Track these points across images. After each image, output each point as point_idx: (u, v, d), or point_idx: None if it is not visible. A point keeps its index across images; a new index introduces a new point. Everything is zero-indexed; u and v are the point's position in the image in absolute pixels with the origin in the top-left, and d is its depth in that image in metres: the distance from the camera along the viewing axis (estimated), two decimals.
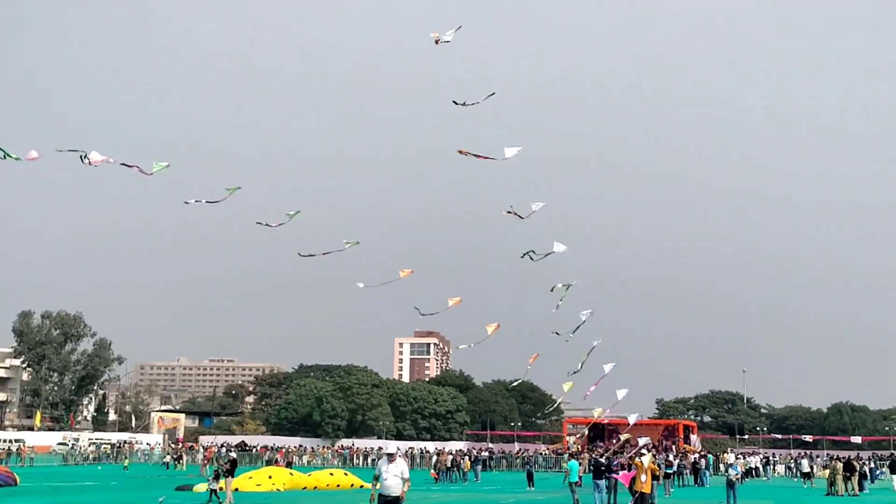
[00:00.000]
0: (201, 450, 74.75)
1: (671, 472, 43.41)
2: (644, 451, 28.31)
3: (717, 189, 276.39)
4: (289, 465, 63.61)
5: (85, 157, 19.67)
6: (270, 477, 40.41)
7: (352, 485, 42.73)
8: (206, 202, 22.06)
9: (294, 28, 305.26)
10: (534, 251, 22.79)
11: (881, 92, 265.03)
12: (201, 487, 37.91)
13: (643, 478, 24.27)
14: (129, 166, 20.48)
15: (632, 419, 30.63)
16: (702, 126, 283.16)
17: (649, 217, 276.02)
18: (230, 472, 30.29)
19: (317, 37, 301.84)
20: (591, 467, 33.21)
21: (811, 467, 58.29)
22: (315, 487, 41.31)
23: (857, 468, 44.87)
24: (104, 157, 19.82)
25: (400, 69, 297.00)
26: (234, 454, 38.50)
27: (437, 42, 19.05)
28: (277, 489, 39.20)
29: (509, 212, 21.58)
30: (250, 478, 39.99)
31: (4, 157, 19.16)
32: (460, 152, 20.40)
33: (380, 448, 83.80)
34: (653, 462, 25.71)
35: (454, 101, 20.08)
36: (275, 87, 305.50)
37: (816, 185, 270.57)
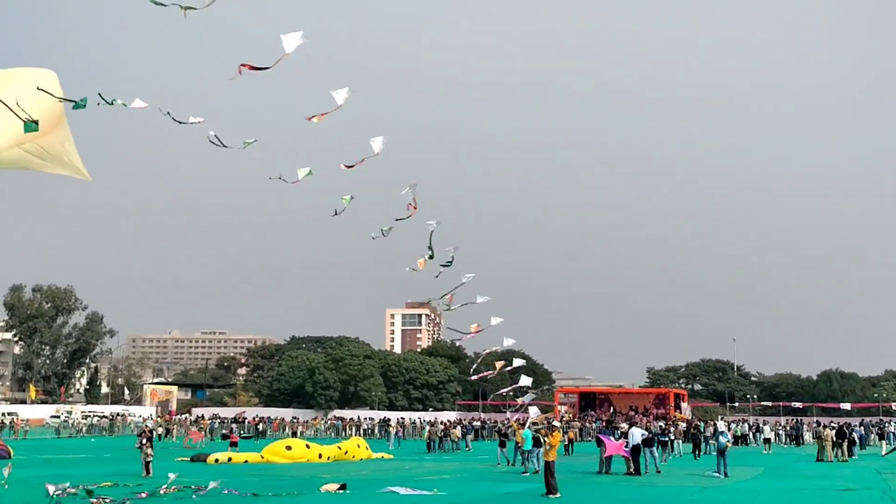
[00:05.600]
0: (192, 422, 74.94)
1: (666, 440, 43.11)
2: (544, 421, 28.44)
3: (703, 162, 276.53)
4: (293, 434, 63.92)
5: (173, 116, 19.59)
6: (289, 448, 39.42)
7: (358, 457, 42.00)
8: (284, 182, 21.64)
9: None
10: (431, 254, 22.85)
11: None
12: (215, 456, 38.03)
13: (547, 447, 24.28)
14: (219, 145, 20.23)
15: (507, 342, 28.83)
16: (680, 94, 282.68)
17: (638, 193, 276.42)
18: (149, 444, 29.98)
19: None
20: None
21: (774, 432, 60.00)
22: (329, 458, 39.99)
23: (848, 435, 45.38)
24: (200, 119, 19.73)
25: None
26: (149, 424, 37.46)
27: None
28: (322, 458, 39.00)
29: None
30: (288, 448, 39.42)
31: (112, 103, 19.06)
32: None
33: (370, 419, 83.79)
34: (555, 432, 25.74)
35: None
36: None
37: (803, 155, 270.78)
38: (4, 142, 18.31)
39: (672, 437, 48.68)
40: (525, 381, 28.11)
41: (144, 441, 30.13)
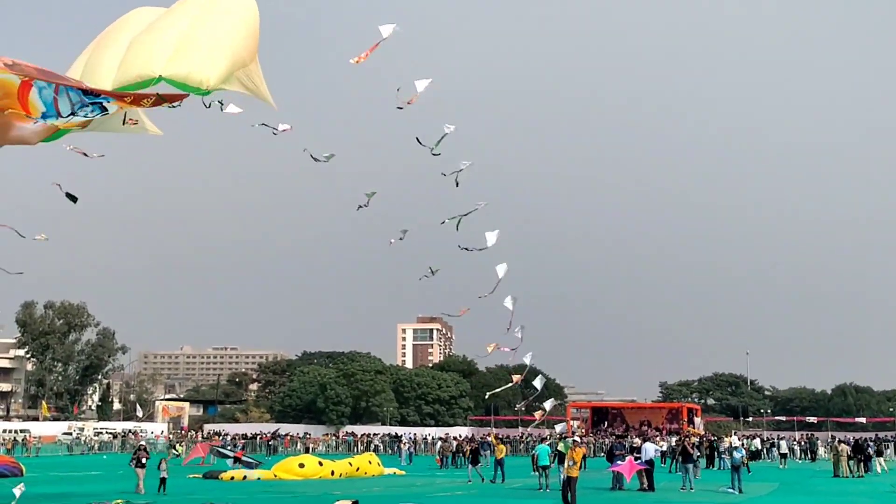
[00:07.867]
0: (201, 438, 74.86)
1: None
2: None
3: (724, 173, 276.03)
4: (306, 450, 63.83)
5: (273, 127, 19.87)
6: (302, 465, 39.35)
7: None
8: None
9: None
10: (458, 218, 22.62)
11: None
12: (230, 474, 38.04)
13: (570, 462, 24.24)
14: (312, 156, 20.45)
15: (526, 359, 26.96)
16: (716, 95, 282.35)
17: (651, 207, 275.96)
18: (141, 464, 29.93)
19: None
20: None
21: (790, 448, 59.50)
22: (341, 475, 39.83)
23: (865, 450, 45.10)
24: (288, 126, 20.09)
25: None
26: (143, 442, 37.91)
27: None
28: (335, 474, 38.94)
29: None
30: (301, 465, 39.24)
31: (203, 94, 19.60)
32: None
33: (384, 434, 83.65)
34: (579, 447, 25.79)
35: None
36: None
37: (821, 171, 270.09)
38: (229, 69, 19.14)
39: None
40: (548, 403, 27.90)
41: (143, 459, 30.14)
